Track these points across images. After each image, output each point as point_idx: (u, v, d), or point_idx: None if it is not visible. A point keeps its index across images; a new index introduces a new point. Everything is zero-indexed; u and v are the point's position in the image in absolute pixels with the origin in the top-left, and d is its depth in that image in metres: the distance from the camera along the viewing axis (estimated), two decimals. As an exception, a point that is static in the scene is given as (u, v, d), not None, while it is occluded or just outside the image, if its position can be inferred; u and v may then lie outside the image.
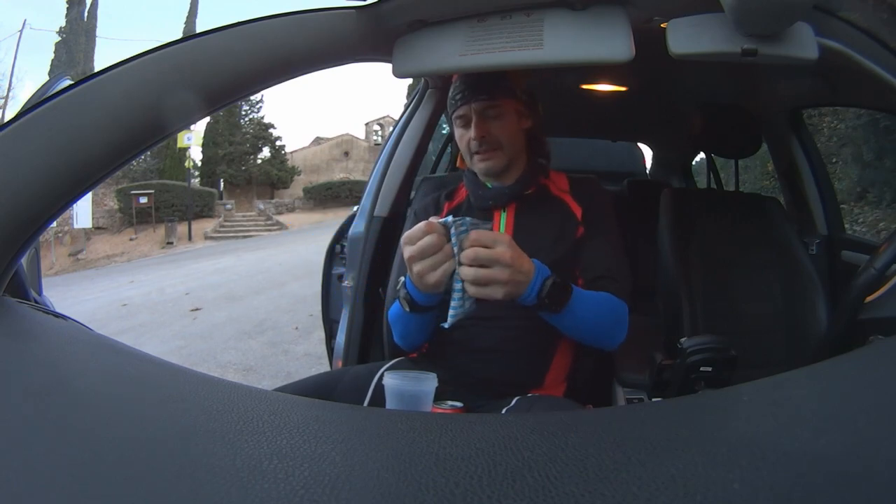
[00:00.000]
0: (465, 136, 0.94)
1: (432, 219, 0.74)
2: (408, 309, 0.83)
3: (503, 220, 0.95)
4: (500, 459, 0.29)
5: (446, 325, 0.72)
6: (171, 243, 12.98)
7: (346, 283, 1.33)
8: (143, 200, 13.79)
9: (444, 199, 1.03)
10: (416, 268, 0.72)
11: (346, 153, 20.20)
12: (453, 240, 0.71)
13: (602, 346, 0.88)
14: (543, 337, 0.90)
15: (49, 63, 17.15)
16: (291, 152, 19.14)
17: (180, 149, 15.06)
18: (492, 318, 0.89)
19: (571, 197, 0.97)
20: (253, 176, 17.65)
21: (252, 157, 17.94)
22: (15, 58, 17.01)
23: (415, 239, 0.72)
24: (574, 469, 0.28)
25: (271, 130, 18.25)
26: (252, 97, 16.62)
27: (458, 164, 1.16)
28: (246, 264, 8.21)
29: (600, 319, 0.84)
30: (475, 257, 0.69)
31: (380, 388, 0.76)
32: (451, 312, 0.72)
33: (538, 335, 0.89)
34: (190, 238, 13.48)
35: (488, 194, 0.96)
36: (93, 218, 12.81)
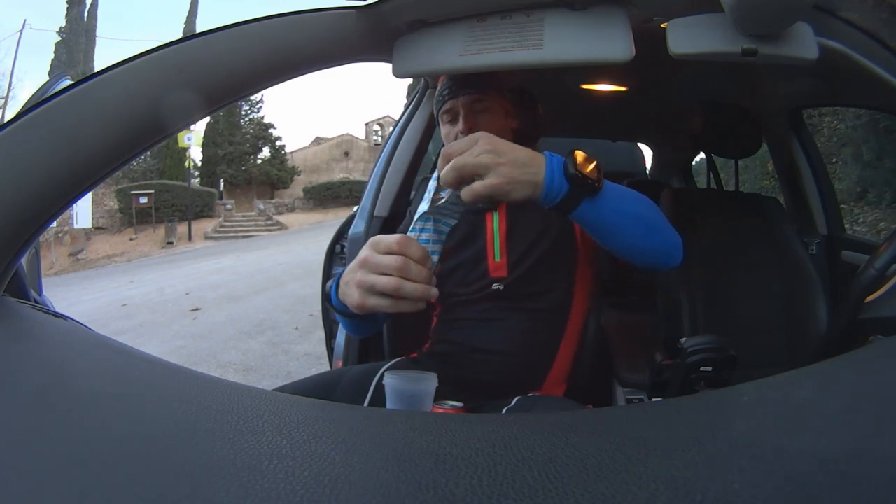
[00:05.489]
0: (451, 132, 0.92)
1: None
2: (328, 302, 0.73)
3: (495, 221, 0.93)
4: (500, 459, 0.29)
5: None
6: (171, 243, 12.98)
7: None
8: (143, 200, 13.80)
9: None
10: (362, 278, 0.61)
11: (346, 153, 20.21)
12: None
13: (665, 247, 0.74)
14: (545, 339, 0.90)
15: (49, 63, 17.18)
16: (291, 152, 19.17)
17: (180, 149, 15.07)
18: (494, 319, 0.89)
19: None
20: (253, 176, 17.66)
21: (252, 157, 17.96)
22: (15, 58, 17.06)
23: (382, 248, 0.61)
24: (574, 469, 0.28)
25: (271, 130, 18.28)
26: (252, 97, 16.65)
27: None
28: (246, 264, 8.21)
29: (643, 206, 0.71)
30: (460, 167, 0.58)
31: (380, 388, 0.76)
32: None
33: (540, 337, 0.89)
34: (190, 238, 13.48)
35: None
36: (93, 218, 12.82)
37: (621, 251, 0.72)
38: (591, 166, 0.63)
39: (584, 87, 1.66)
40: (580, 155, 0.62)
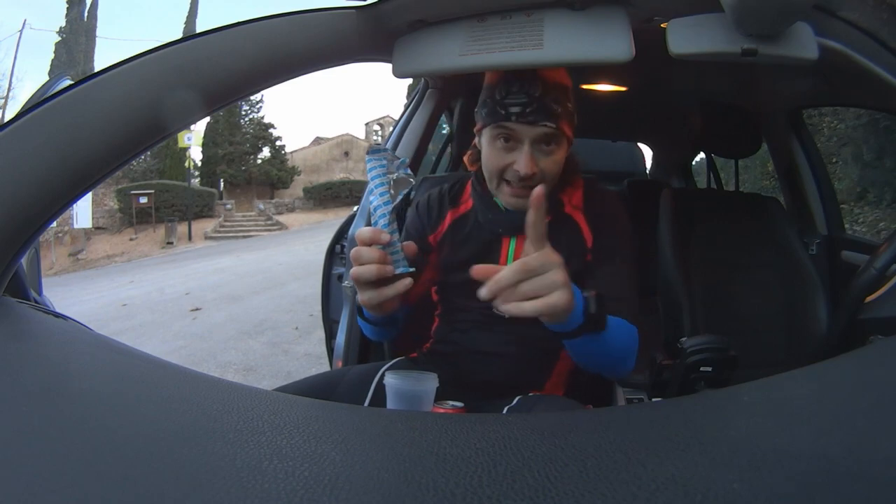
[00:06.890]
0: (502, 159, 0.80)
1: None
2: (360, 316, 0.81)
3: (511, 247, 0.87)
4: (500, 459, 0.29)
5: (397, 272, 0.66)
6: (171, 243, 12.99)
7: (346, 283, 1.32)
8: (143, 200, 13.80)
9: (448, 202, 0.94)
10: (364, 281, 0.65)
11: (346, 153, 20.22)
12: (376, 181, 0.63)
13: (617, 373, 0.81)
14: (546, 342, 0.89)
15: (49, 63, 17.19)
16: (291, 152, 19.19)
17: (180, 149, 15.08)
18: (494, 322, 0.88)
19: (584, 216, 0.87)
20: (253, 176, 17.67)
21: (252, 157, 17.97)
22: (15, 58, 17.06)
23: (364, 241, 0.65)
24: (574, 469, 0.28)
25: (271, 130, 18.29)
26: (252, 97, 16.65)
27: (467, 165, 0.96)
28: (246, 264, 8.21)
29: (625, 344, 0.77)
30: (527, 267, 0.58)
31: (380, 387, 0.76)
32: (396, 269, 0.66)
33: (541, 340, 0.88)
34: (190, 238, 13.49)
35: (500, 219, 0.86)
36: (93, 218, 12.83)
37: (578, 362, 0.79)
38: (603, 308, 0.69)
39: (584, 87, 1.66)
40: (594, 296, 0.68)
